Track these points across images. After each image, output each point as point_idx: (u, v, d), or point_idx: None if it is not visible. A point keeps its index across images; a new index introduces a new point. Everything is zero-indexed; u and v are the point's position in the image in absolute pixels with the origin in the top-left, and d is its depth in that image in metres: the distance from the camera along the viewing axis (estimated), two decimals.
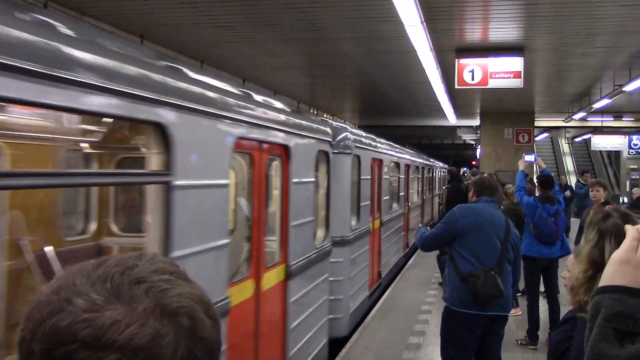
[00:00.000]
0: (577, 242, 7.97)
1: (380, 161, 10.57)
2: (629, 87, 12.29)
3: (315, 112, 19.11)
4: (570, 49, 10.53)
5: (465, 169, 30.00)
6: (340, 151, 7.76)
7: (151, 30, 9.27)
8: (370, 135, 10.21)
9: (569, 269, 2.91)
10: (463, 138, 28.63)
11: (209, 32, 9.57)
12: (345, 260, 7.96)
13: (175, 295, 0.77)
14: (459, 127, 24.75)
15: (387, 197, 11.53)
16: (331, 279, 7.08)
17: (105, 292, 0.74)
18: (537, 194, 8.27)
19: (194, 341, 0.77)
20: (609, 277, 1.13)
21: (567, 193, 17.10)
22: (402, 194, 13.86)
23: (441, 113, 18.50)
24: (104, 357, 0.70)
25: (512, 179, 11.98)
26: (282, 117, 5.36)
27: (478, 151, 24.27)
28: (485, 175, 5.34)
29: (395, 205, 12.88)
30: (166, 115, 3.19)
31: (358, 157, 8.48)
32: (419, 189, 18.05)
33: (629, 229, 1.17)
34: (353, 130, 8.80)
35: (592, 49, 10.45)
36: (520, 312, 8.59)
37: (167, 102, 3.19)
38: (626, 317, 1.06)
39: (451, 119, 20.08)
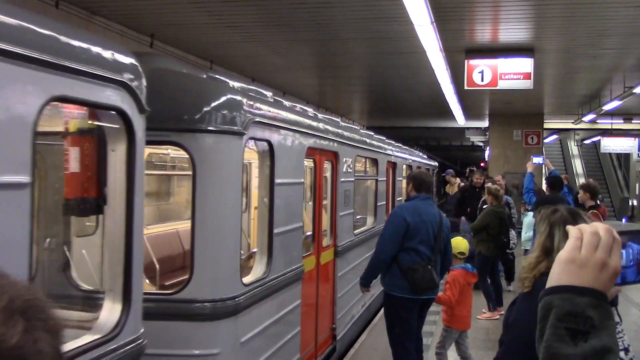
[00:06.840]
0: None
1: (335, 154, 6.86)
2: (639, 89, 12.22)
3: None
4: (580, 50, 10.49)
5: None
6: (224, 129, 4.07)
7: (161, 30, 9.31)
8: (295, 108, 5.87)
9: None
10: (472, 140, 28.49)
11: (218, 32, 9.60)
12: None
13: None
14: (468, 128, 24.67)
15: (350, 211, 7.57)
16: None
17: None
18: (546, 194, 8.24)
19: None
20: (556, 277, 1.14)
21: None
22: (382, 203, 9.60)
23: (450, 114, 18.45)
24: None
25: (520, 181, 11.95)
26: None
27: (487, 153, 24.19)
28: (420, 170, 6.33)
29: (370, 220, 9.25)
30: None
31: (269, 142, 4.76)
32: None
33: (571, 229, 1.18)
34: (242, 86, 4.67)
35: (602, 51, 10.40)
36: (498, 317, 8.65)
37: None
38: (577, 316, 1.08)
39: (460, 120, 20.02)
